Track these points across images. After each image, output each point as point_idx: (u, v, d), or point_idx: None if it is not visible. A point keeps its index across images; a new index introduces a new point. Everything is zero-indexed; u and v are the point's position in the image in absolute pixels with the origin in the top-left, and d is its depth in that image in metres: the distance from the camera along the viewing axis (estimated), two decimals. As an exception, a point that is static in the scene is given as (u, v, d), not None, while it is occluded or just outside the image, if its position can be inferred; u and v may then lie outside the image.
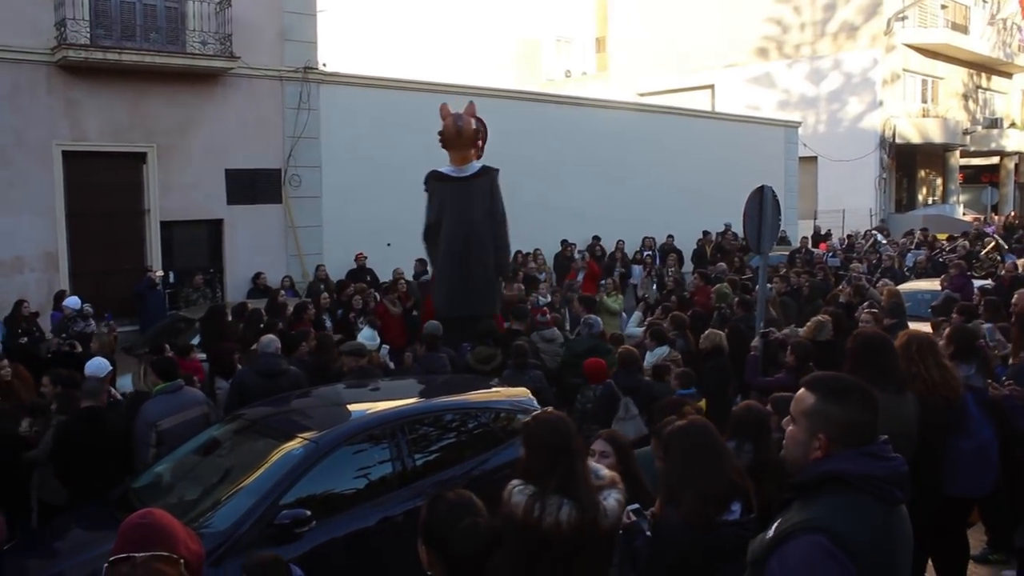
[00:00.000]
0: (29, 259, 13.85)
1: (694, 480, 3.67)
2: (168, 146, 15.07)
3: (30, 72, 13.72)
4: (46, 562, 5.33)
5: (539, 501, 3.57)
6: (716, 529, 3.62)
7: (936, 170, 36.06)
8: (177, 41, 14.94)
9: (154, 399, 7.15)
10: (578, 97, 23.70)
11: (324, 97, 16.76)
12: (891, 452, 2.66)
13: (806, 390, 2.75)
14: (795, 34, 32.57)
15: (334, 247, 16.58)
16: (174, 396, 7.18)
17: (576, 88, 34.03)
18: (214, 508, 5.48)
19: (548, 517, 3.53)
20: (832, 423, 2.64)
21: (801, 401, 2.74)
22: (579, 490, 3.62)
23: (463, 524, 2.68)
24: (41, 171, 13.89)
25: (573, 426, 3.89)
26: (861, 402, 2.67)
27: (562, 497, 3.58)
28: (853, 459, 2.59)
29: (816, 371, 6.46)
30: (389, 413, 6.33)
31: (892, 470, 2.62)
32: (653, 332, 9.58)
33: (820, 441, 2.64)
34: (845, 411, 2.64)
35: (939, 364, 5.29)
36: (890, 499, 2.59)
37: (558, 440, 3.73)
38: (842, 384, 2.74)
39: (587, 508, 3.60)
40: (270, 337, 8.31)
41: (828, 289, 14.11)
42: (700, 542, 3.60)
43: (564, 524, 3.53)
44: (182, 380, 7.43)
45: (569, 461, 3.68)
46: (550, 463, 3.67)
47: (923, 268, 18.20)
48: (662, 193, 22.15)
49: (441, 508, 2.79)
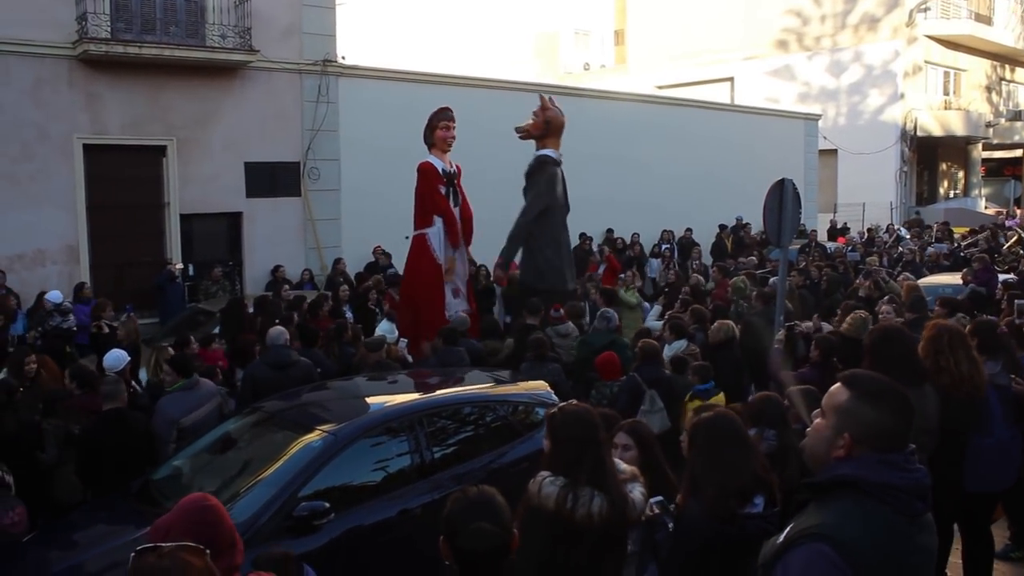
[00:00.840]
0: (51, 252, 13.95)
1: (719, 472, 3.66)
2: (188, 139, 15.14)
3: (52, 66, 13.81)
4: (66, 553, 5.36)
5: (571, 493, 3.65)
6: (739, 522, 3.61)
7: (958, 163, 35.76)
8: (196, 35, 14.99)
9: (172, 396, 7.15)
10: (596, 90, 23.64)
11: (343, 90, 16.78)
12: (915, 463, 2.56)
13: (842, 386, 2.66)
14: (815, 26, 32.34)
15: (352, 240, 16.61)
16: (191, 392, 7.21)
17: (594, 81, 33.94)
18: (233, 500, 5.48)
19: (581, 509, 3.62)
20: (861, 424, 2.56)
21: (834, 396, 2.65)
22: (609, 482, 3.70)
23: (472, 526, 2.70)
24: (62, 165, 13.99)
25: (598, 418, 3.92)
26: (896, 408, 2.58)
27: (593, 490, 3.66)
28: (873, 466, 2.50)
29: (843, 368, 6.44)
30: (407, 406, 6.34)
31: (914, 482, 2.52)
32: (672, 326, 9.53)
33: (845, 440, 2.56)
34: (878, 414, 2.55)
35: (970, 358, 5.23)
36: (909, 511, 2.49)
37: (585, 432, 3.80)
38: (880, 386, 2.65)
39: (617, 500, 3.67)
40: (279, 329, 8.35)
41: (848, 282, 14.02)
42: (722, 535, 3.59)
43: (596, 516, 3.61)
44: (197, 376, 7.45)
45: (597, 453, 3.76)
46: (578, 455, 3.75)
47: (934, 262, 17.97)
48: (680, 186, 22.06)
49: (460, 503, 2.82)
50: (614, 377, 8.05)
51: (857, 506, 2.47)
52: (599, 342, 9.02)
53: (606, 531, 3.65)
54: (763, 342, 8.96)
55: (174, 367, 7.42)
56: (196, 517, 2.81)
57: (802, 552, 2.43)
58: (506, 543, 2.73)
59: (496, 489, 2.93)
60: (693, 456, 3.80)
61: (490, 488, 2.91)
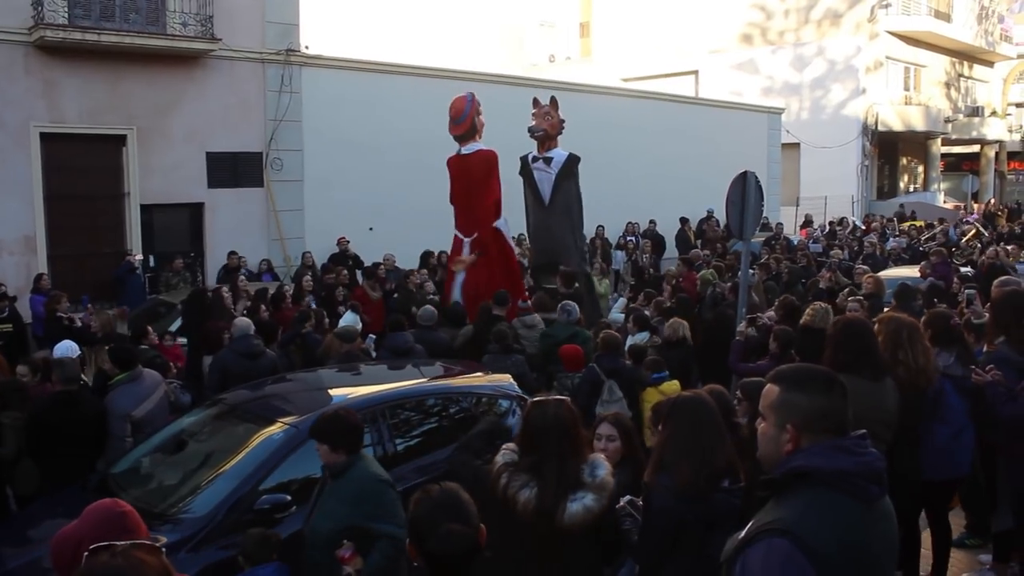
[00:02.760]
0: (7, 243, 13.69)
1: (695, 453, 3.70)
2: (148, 128, 14.92)
3: (7, 52, 13.51)
4: (22, 549, 5.27)
5: (509, 471, 3.82)
6: (709, 497, 3.67)
7: (918, 158, 36.26)
8: (157, 22, 14.78)
9: (119, 390, 6.94)
10: (562, 82, 23.61)
11: (306, 80, 16.63)
12: (867, 446, 2.57)
13: (771, 384, 2.70)
14: (779, 20, 32.61)
15: (316, 231, 16.49)
16: (137, 384, 7.02)
17: (560, 73, 33.93)
18: (193, 493, 5.44)
19: (509, 491, 3.78)
20: (798, 411, 2.58)
21: (768, 396, 2.68)
22: (546, 480, 3.77)
23: (441, 529, 2.66)
24: (19, 153, 13.72)
25: (569, 418, 3.95)
26: (825, 388, 2.61)
27: (530, 478, 3.77)
28: (824, 454, 2.50)
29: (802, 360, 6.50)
30: (370, 397, 6.31)
31: (866, 465, 2.52)
32: (636, 318, 9.61)
33: (789, 432, 2.57)
34: (810, 398, 2.58)
35: (925, 351, 5.33)
36: (864, 496, 2.49)
37: (540, 428, 3.90)
38: (804, 372, 2.71)
39: (546, 500, 3.74)
40: (245, 320, 8.29)
41: (810, 275, 14.16)
42: (693, 510, 3.65)
43: (519, 504, 3.75)
44: (140, 367, 7.24)
45: (545, 450, 3.83)
46: (527, 445, 3.91)
47: (898, 255, 18.28)
48: (645, 178, 22.15)
49: (424, 505, 2.76)
50: (577, 369, 8.09)
51: (814, 498, 2.47)
52: (562, 334, 9.04)
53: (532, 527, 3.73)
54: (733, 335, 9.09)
55: (115, 360, 7.21)
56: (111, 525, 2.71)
57: (761, 548, 2.43)
58: (476, 541, 2.70)
59: (457, 484, 2.91)
60: (668, 434, 3.82)
61: (453, 484, 2.87)
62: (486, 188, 11.71)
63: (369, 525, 4.36)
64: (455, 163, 11.93)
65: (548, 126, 12.26)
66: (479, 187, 11.70)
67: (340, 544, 4.20)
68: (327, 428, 4.52)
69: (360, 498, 4.42)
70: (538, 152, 12.26)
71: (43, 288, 12.29)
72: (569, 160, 12.27)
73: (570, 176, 12.30)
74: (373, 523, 4.37)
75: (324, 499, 4.60)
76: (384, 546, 4.34)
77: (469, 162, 11.75)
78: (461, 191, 11.89)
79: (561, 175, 12.20)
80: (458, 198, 11.98)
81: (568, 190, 12.30)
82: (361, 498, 4.42)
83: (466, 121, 11.78)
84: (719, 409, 4.11)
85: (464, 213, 11.91)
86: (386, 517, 4.42)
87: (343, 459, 4.48)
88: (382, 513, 4.42)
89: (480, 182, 11.70)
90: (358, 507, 4.39)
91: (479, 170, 11.68)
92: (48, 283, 12.56)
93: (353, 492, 4.44)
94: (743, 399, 4.72)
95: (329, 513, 4.47)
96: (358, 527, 4.34)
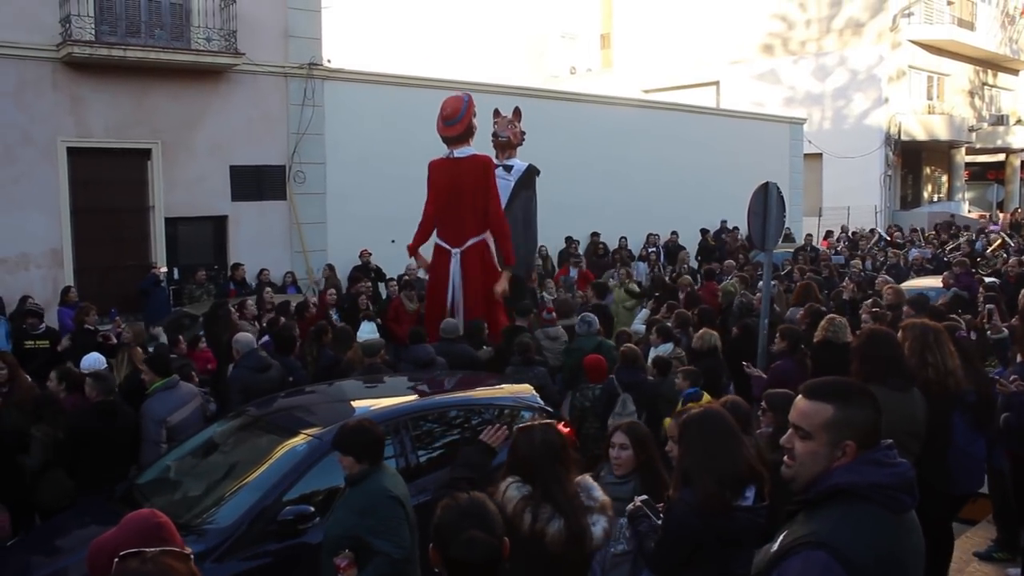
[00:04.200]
0: (35, 256, 13.88)
1: (713, 464, 3.70)
2: (173, 142, 15.08)
3: (36, 69, 13.74)
4: (49, 559, 5.33)
5: (532, 507, 3.70)
6: (730, 514, 3.65)
7: (942, 167, 35.97)
8: (182, 38, 14.95)
9: (156, 396, 7.11)
10: (582, 93, 23.67)
11: (328, 93, 16.76)
12: (895, 457, 2.57)
13: (815, 401, 2.62)
14: (801, 30, 32.50)
15: (338, 244, 16.58)
16: (174, 391, 7.19)
17: (580, 84, 33.97)
18: (218, 504, 5.48)
19: (538, 524, 3.66)
20: (857, 428, 2.55)
21: (819, 414, 2.59)
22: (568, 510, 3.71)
23: (464, 536, 2.65)
24: (46, 168, 13.92)
25: (559, 442, 3.92)
26: (872, 401, 2.61)
27: (554, 511, 3.68)
28: (858, 469, 2.50)
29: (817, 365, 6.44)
30: (393, 409, 6.33)
31: (898, 476, 2.52)
32: (659, 329, 9.58)
33: (849, 448, 2.54)
34: (865, 412, 2.57)
35: (952, 354, 5.33)
36: (897, 506, 2.49)
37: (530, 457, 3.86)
38: (852, 387, 2.68)
39: (576, 530, 3.69)
40: (247, 336, 8.40)
41: (833, 286, 14.08)
42: (714, 526, 3.63)
43: (549, 537, 3.65)
44: (177, 376, 7.40)
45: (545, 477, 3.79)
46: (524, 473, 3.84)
47: (920, 265, 18.12)
48: (666, 190, 22.13)
49: (450, 512, 2.75)
50: (599, 380, 8.07)
51: (848, 510, 2.47)
52: (587, 347, 9.04)
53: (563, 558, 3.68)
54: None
55: (152, 367, 7.35)
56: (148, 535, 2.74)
57: (798, 560, 2.43)
58: (499, 551, 2.68)
59: (485, 495, 2.91)
60: (684, 451, 3.84)
61: (481, 494, 2.87)
62: (484, 194, 11.10)
63: (370, 539, 4.32)
64: (443, 167, 11.28)
65: (512, 134, 12.24)
66: (473, 194, 11.06)
67: (340, 551, 4.20)
68: (351, 439, 4.52)
69: (367, 511, 4.39)
70: (497, 159, 12.02)
71: (70, 301, 12.42)
72: (528, 170, 12.22)
73: (528, 186, 12.23)
74: (374, 538, 4.32)
75: (339, 505, 4.63)
76: (379, 564, 4.28)
77: (461, 167, 11.12)
78: (450, 198, 11.16)
79: (520, 184, 12.12)
80: (446, 205, 11.25)
81: (525, 199, 12.22)
82: (368, 511, 4.39)
83: (461, 123, 11.23)
84: (736, 419, 4.11)
85: (453, 222, 11.17)
86: (387, 535, 4.36)
87: (365, 468, 4.48)
88: (384, 530, 4.36)
89: (474, 188, 11.07)
90: (364, 519, 4.37)
91: (473, 176, 11.08)
92: (75, 296, 12.70)
93: (363, 503, 4.43)
94: (768, 410, 4.70)
95: (340, 520, 4.47)
96: (360, 538, 4.32)
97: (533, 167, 12.24)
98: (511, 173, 12.12)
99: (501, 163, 12.08)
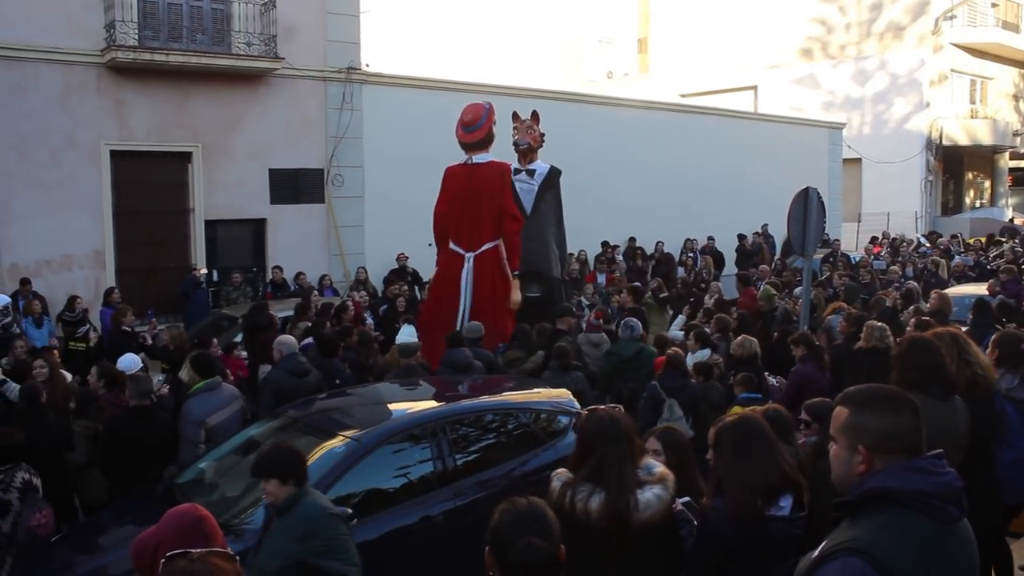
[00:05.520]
0: (78, 257, 14.08)
1: (745, 472, 3.66)
2: (213, 146, 15.26)
3: (81, 74, 13.96)
4: (91, 556, 5.40)
5: (571, 488, 3.75)
6: (764, 524, 3.60)
7: (984, 172, 35.45)
8: (223, 42, 15.12)
9: (197, 397, 7.18)
10: (620, 98, 23.61)
11: (367, 97, 16.86)
12: (944, 466, 2.52)
13: (839, 406, 2.68)
14: (840, 34, 32.19)
15: (375, 247, 16.66)
16: (215, 393, 7.26)
17: (618, 89, 33.89)
18: (256, 504, 5.51)
19: (579, 504, 3.68)
20: (868, 432, 2.55)
21: (837, 418, 2.66)
22: (610, 481, 3.71)
23: (521, 541, 2.63)
24: (90, 170, 14.13)
25: (621, 425, 3.90)
26: (894, 407, 2.58)
27: (594, 486, 3.71)
28: (900, 475, 2.46)
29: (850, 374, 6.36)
30: (430, 412, 6.36)
31: (944, 485, 2.47)
32: (697, 335, 9.51)
33: (861, 453, 2.54)
34: (879, 418, 2.56)
35: (978, 353, 5.28)
36: (943, 516, 2.44)
37: (597, 433, 3.87)
38: (872, 393, 2.67)
39: (617, 500, 3.66)
40: (290, 338, 8.38)
41: (873, 291, 13.91)
42: (746, 535, 3.58)
43: (593, 512, 3.65)
44: (220, 378, 7.49)
45: (605, 453, 3.78)
46: (585, 454, 3.86)
47: (962, 272, 17.83)
48: (704, 194, 21.99)
49: (508, 516, 2.74)
50: None
51: (891, 519, 2.43)
52: (627, 351, 8.99)
53: (609, 530, 3.64)
54: None
55: (196, 367, 7.44)
56: (188, 528, 2.76)
57: (835, 567, 2.40)
58: (555, 558, 2.65)
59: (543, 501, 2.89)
60: (718, 458, 3.81)
61: (540, 500, 2.84)
62: (501, 199, 11.23)
63: (319, 562, 4.17)
64: (460, 173, 11.47)
65: (531, 139, 12.22)
66: (489, 199, 11.19)
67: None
68: (274, 461, 4.39)
69: (310, 533, 4.23)
70: (520, 164, 12.10)
71: (113, 302, 12.60)
72: (551, 172, 12.18)
73: (552, 188, 12.20)
74: (322, 560, 4.18)
75: (270, 537, 4.40)
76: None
77: (480, 172, 11.29)
78: (466, 203, 11.29)
79: (543, 187, 12.08)
80: (461, 210, 11.34)
81: (549, 201, 12.19)
82: (311, 533, 4.23)
83: (481, 129, 11.44)
84: (776, 428, 4.06)
85: (469, 227, 11.27)
86: (336, 554, 4.24)
87: (292, 492, 4.32)
88: (333, 550, 4.23)
89: (491, 194, 11.21)
90: (307, 543, 4.22)
91: (491, 181, 11.24)
92: (118, 296, 12.88)
93: (303, 528, 4.26)
94: (811, 420, 4.65)
95: (276, 550, 4.29)
96: (307, 563, 4.20)
97: (555, 168, 12.20)
98: (535, 177, 12.10)
99: (524, 168, 12.09)
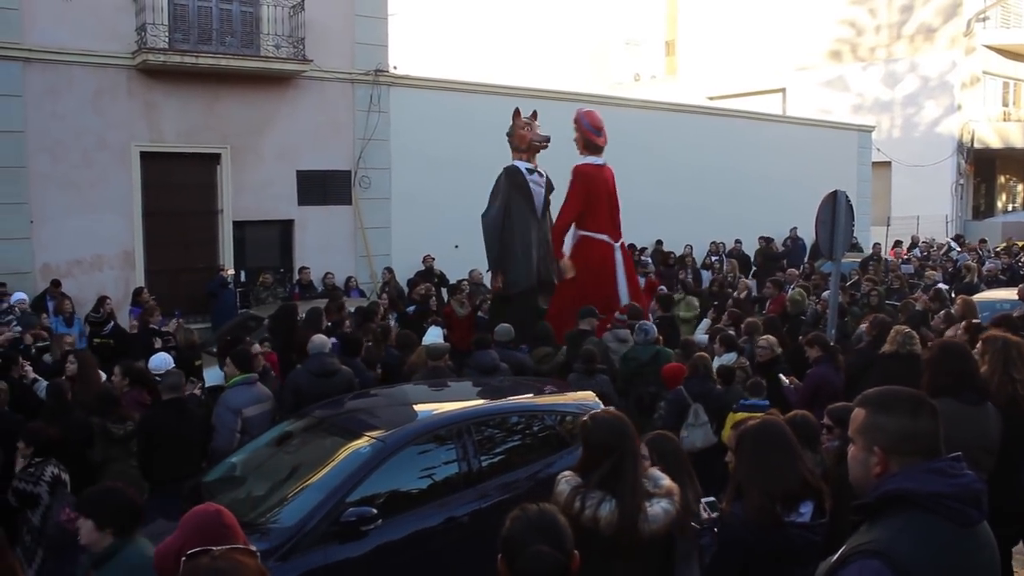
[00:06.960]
0: (108, 257, 14.25)
1: (764, 477, 3.64)
2: (241, 147, 15.38)
3: (112, 76, 14.13)
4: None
5: (581, 494, 3.66)
6: (783, 530, 3.56)
7: (1017, 176, 35.00)
8: (251, 45, 15.24)
9: (235, 388, 7.31)
10: (647, 100, 23.54)
11: (394, 100, 16.92)
12: (963, 468, 2.51)
13: (857, 407, 2.69)
14: (870, 36, 31.90)
15: (402, 248, 16.71)
16: (251, 388, 7.37)
17: (645, 91, 33.80)
18: (282, 504, 5.56)
19: (587, 511, 3.61)
20: (883, 434, 2.55)
21: (855, 420, 2.67)
22: (623, 490, 3.65)
23: (531, 549, 2.61)
24: (120, 172, 14.29)
25: (630, 428, 3.88)
26: (911, 410, 2.57)
27: (605, 494, 3.64)
28: (918, 476, 2.46)
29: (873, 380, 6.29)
30: (456, 414, 6.36)
31: (963, 488, 2.45)
32: (723, 338, 9.46)
33: (877, 455, 2.54)
34: (896, 419, 2.55)
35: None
36: (963, 519, 2.42)
37: (608, 438, 3.79)
38: (890, 395, 2.67)
39: (628, 509, 3.62)
40: (322, 338, 8.38)
41: (903, 296, 13.77)
42: (765, 541, 3.56)
43: (602, 521, 3.59)
44: (256, 376, 7.60)
45: (617, 460, 3.72)
46: (596, 460, 3.76)
47: (994, 277, 17.59)
48: (731, 197, 21.86)
49: (519, 524, 2.72)
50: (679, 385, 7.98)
51: (909, 521, 2.42)
52: (644, 355, 8.96)
53: (616, 540, 3.60)
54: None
55: (235, 361, 7.53)
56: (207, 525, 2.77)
57: (853, 569, 2.40)
58: (566, 566, 2.63)
59: (555, 507, 2.88)
60: (738, 462, 3.78)
61: (551, 507, 2.82)
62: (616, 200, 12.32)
63: None
64: (593, 172, 12.13)
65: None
66: (612, 197, 12.24)
67: None
68: (95, 500, 3.88)
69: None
70: (532, 164, 12.11)
71: (143, 301, 12.71)
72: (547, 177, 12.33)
73: (550, 191, 12.40)
74: None
75: None
76: None
77: (605, 173, 12.21)
78: (601, 200, 12.13)
79: (546, 190, 12.22)
80: (601, 206, 12.14)
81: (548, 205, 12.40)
82: None
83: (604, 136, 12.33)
84: (802, 433, 4.02)
85: (608, 219, 12.18)
86: None
87: (108, 542, 3.77)
88: None
89: (612, 193, 12.26)
90: None
91: (612, 182, 12.30)
92: (147, 296, 12.98)
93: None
94: (833, 425, 4.62)
95: None
96: None
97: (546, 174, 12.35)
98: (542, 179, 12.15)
99: (536, 169, 12.09)
